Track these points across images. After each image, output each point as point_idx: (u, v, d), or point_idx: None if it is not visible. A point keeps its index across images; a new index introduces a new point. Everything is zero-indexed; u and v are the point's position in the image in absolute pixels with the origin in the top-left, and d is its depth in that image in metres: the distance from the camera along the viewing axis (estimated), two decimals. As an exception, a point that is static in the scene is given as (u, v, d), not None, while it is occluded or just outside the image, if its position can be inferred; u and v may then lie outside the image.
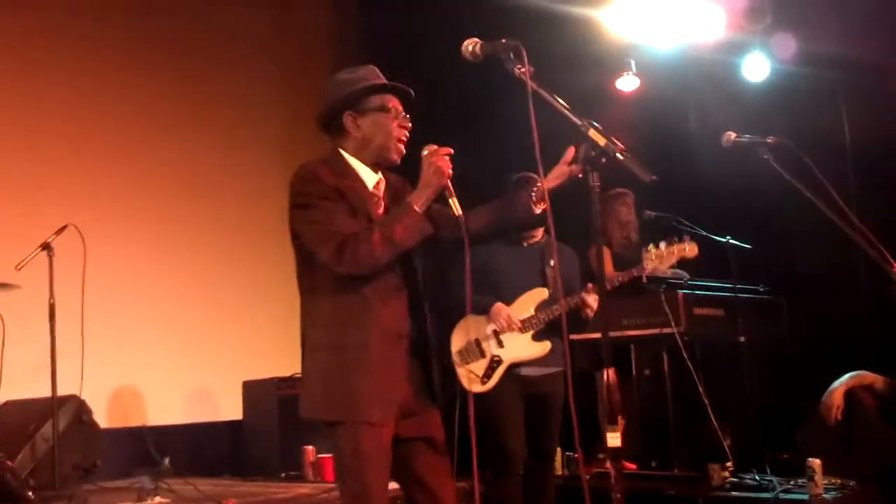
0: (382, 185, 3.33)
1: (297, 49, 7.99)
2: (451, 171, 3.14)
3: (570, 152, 3.17)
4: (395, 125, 3.28)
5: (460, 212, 3.19)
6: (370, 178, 3.30)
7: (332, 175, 3.20)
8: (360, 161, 3.30)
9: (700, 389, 5.62)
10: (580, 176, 3.07)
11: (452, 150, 3.18)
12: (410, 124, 3.31)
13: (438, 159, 3.13)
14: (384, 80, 3.34)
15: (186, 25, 7.56)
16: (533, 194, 3.25)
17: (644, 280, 5.78)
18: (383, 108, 3.27)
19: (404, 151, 3.29)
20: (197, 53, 7.62)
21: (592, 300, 4.82)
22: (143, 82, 7.26)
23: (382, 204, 3.31)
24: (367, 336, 3.13)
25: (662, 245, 4.94)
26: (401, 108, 3.30)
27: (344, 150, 3.31)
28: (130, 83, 7.20)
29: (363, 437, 3.08)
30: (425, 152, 3.16)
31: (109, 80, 7.12)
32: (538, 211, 3.27)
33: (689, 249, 4.94)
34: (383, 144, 3.27)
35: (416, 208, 3.12)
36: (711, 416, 5.60)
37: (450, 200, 3.19)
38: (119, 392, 6.82)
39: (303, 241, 3.19)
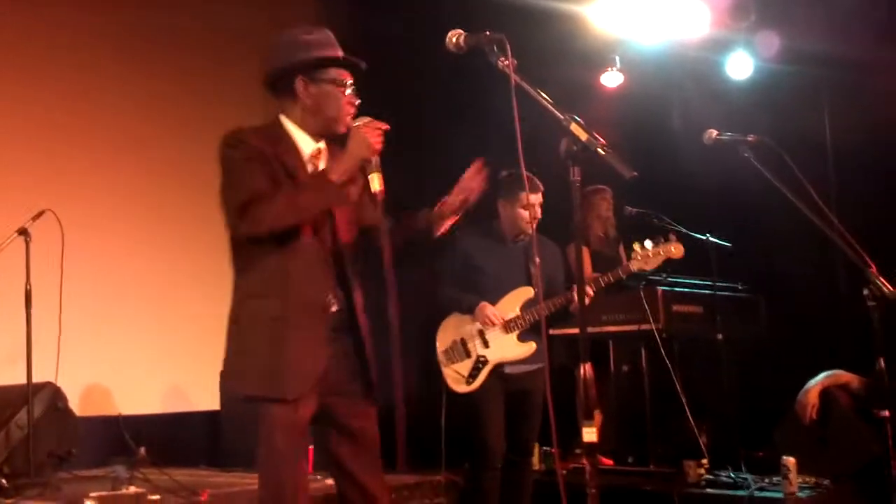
0: (324, 154, 3.28)
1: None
2: (380, 145, 3.12)
3: (474, 168, 3.30)
4: (346, 100, 3.25)
5: (379, 188, 3.18)
6: (307, 145, 3.26)
7: (261, 140, 3.17)
8: (302, 128, 3.26)
9: (677, 386, 5.64)
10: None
11: (388, 126, 3.16)
12: (359, 100, 3.28)
13: (368, 131, 3.10)
14: (339, 50, 3.30)
15: (174, 18, 7.50)
16: (439, 209, 3.34)
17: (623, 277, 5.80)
18: (337, 82, 3.23)
19: (351, 125, 3.23)
20: (179, 43, 7.56)
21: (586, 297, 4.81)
22: (127, 70, 7.20)
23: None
24: (284, 308, 3.07)
25: (648, 245, 4.93)
26: (351, 82, 3.26)
27: (286, 114, 3.27)
28: (114, 70, 7.14)
29: (277, 417, 3.03)
30: (357, 122, 3.14)
31: (91, 66, 7.05)
32: (445, 227, 3.37)
33: (676, 250, 4.94)
34: (333, 117, 3.24)
35: (331, 176, 3.08)
36: (688, 413, 5.63)
37: (370, 175, 3.18)
38: (95, 380, 6.78)
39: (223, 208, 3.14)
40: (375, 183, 3.19)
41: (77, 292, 5.94)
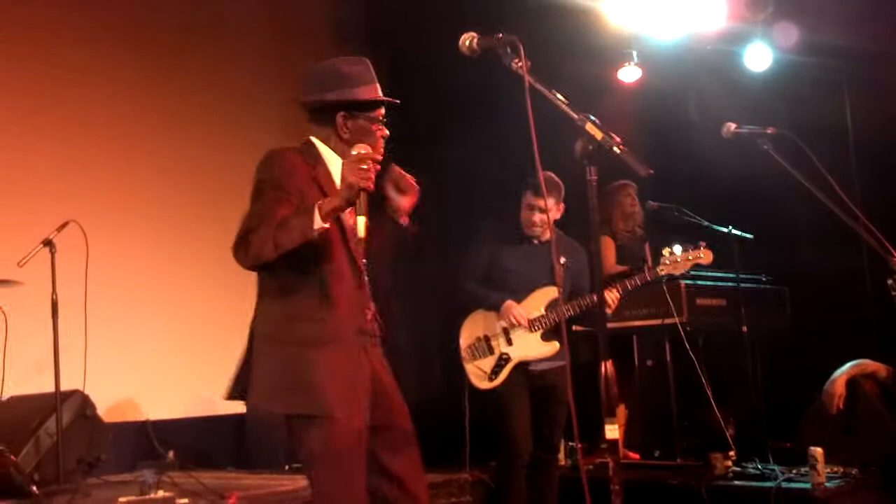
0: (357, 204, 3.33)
1: (298, 44, 7.95)
2: (369, 182, 3.07)
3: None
4: (380, 134, 3.35)
5: (363, 234, 3.31)
6: (337, 168, 3.29)
7: (298, 160, 3.26)
8: (335, 152, 3.33)
9: (703, 379, 5.63)
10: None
11: (380, 157, 3.24)
12: (388, 132, 3.37)
13: (355, 170, 3.05)
14: (376, 84, 3.37)
15: (188, 22, 7.55)
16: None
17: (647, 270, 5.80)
18: (373, 119, 3.34)
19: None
20: (197, 49, 7.59)
21: (610, 299, 4.84)
22: (144, 79, 7.23)
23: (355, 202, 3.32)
24: (327, 332, 3.14)
25: (678, 250, 4.96)
26: (383, 116, 3.37)
27: (320, 138, 3.35)
28: (131, 80, 7.17)
29: (333, 432, 3.08)
30: (353, 152, 3.11)
31: (110, 76, 7.09)
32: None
33: (705, 256, 4.98)
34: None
35: (314, 214, 3.02)
36: (714, 405, 5.61)
37: (358, 217, 3.29)
38: (122, 387, 6.82)
39: None
40: (360, 228, 3.30)
41: (102, 301, 5.99)
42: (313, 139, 3.36)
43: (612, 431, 2.54)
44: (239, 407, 6.88)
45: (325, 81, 3.34)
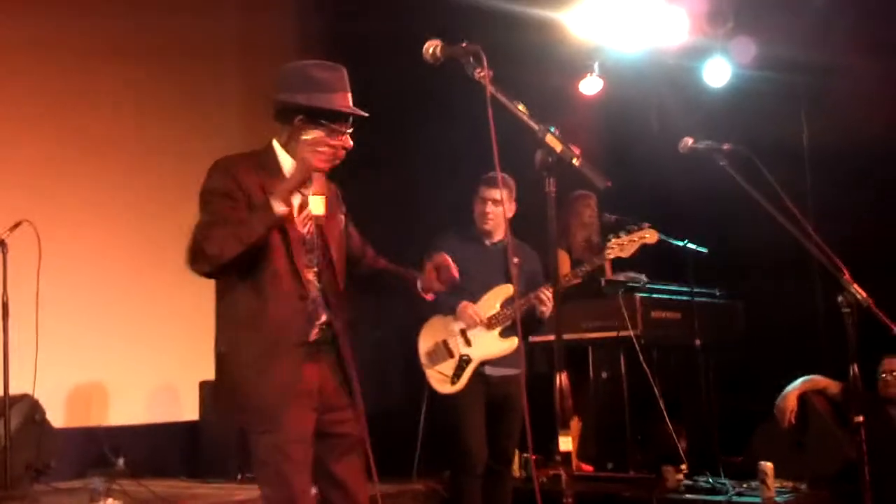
0: (310, 187, 3.31)
1: (265, 57, 7.88)
2: (324, 163, 3.20)
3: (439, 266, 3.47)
4: (339, 144, 3.28)
5: (322, 212, 3.28)
6: None
7: (248, 168, 3.23)
8: (293, 156, 3.30)
9: (656, 392, 5.66)
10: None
11: (339, 143, 3.24)
12: (351, 144, 3.32)
13: (312, 151, 3.17)
14: (347, 94, 3.32)
15: (152, 25, 7.47)
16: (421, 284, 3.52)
17: (602, 283, 5.82)
18: (333, 129, 3.27)
19: (336, 164, 3.31)
20: (161, 56, 7.51)
21: (546, 296, 4.82)
22: (102, 80, 7.16)
23: (309, 205, 3.31)
24: (266, 347, 3.14)
25: (622, 234, 4.98)
26: (347, 128, 3.30)
27: (280, 140, 3.32)
28: (92, 78, 7.11)
29: (280, 442, 3.12)
30: (308, 137, 3.20)
31: (69, 74, 7.01)
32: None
33: (650, 235, 4.99)
34: (322, 159, 3.27)
35: (273, 199, 3.10)
36: (667, 418, 5.65)
37: (313, 196, 3.26)
38: (73, 391, 6.73)
39: None
40: (319, 206, 3.28)
41: (54, 303, 5.91)
42: (275, 144, 3.33)
43: (566, 443, 2.54)
44: (191, 414, 6.89)
45: (293, 83, 3.30)
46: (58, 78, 6.97)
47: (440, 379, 5.00)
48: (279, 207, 3.09)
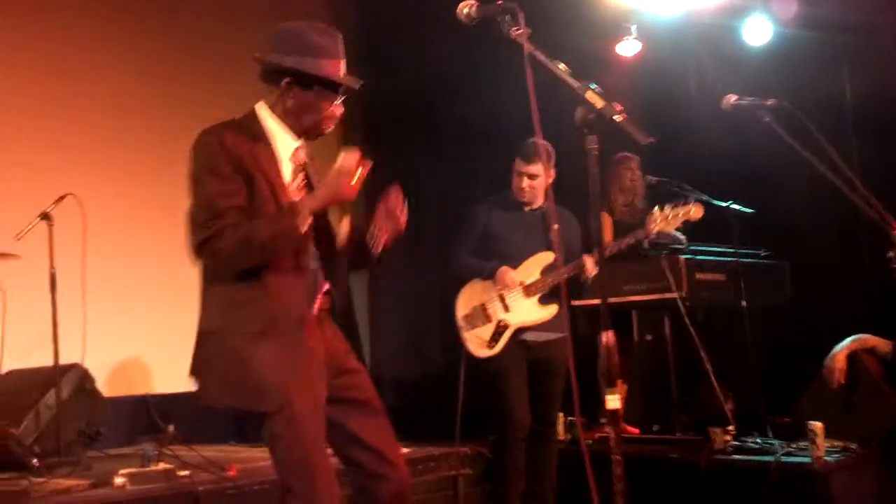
0: (303, 153, 3.23)
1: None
2: (354, 192, 3.02)
3: (392, 199, 3.22)
4: (328, 114, 3.18)
5: (345, 231, 3.23)
6: (286, 143, 3.20)
7: (235, 139, 3.08)
8: (283, 123, 3.19)
9: (702, 354, 5.63)
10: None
11: (369, 167, 3.05)
12: (342, 110, 3.22)
13: (343, 183, 3.00)
14: (341, 60, 3.19)
15: (184, 4, 7.50)
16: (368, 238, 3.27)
17: (645, 245, 5.78)
18: (324, 96, 3.16)
19: (330, 130, 3.23)
20: (198, 27, 7.55)
21: (591, 265, 4.80)
22: (144, 53, 7.21)
23: (302, 172, 3.23)
24: (267, 320, 3.02)
25: (667, 207, 4.94)
26: (337, 97, 3.19)
27: (270, 105, 3.20)
28: (131, 54, 7.15)
29: (291, 418, 2.98)
30: (342, 157, 3.01)
31: (108, 50, 7.06)
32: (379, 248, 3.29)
33: (695, 211, 4.95)
34: (309, 126, 3.20)
35: (297, 216, 2.98)
36: (713, 380, 5.61)
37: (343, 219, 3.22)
38: (122, 361, 6.83)
39: None
40: (345, 225, 3.24)
41: (100, 275, 6.00)
42: (258, 110, 3.20)
43: (613, 401, 2.53)
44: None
45: (285, 44, 3.16)
46: (101, 53, 7.02)
47: (478, 343, 5.01)
48: (304, 226, 2.99)
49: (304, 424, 3.00)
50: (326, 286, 3.21)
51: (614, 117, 2.51)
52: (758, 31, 6.62)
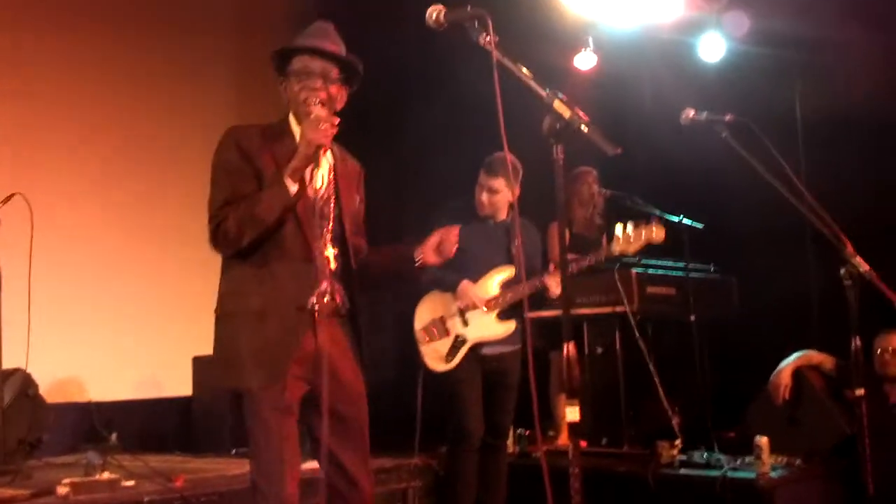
0: (323, 153, 3.26)
1: (256, 28, 7.79)
2: (327, 139, 3.13)
3: (445, 237, 3.38)
4: (306, 89, 3.22)
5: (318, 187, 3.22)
6: None
7: (258, 138, 3.22)
8: (297, 120, 3.28)
9: (651, 368, 5.65)
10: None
11: (337, 121, 3.16)
12: (321, 85, 3.23)
13: (314, 128, 3.09)
14: (318, 40, 3.27)
15: (146, 4, 7.41)
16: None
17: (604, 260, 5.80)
18: (299, 73, 3.24)
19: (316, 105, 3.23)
20: (154, 29, 7.44)
21: (554, 284, 4.80)
22: (94, 51, 7.09)
23: (317, 162, 3.24)
24: (263, 304, 3.12)
25: (630, 228, 4.92)
26: (319, 70, 3.23)
27: (291, 110, 3.33)
28: (80, 52, 7.04)
29: (259, 407, 3.10)
30: (312, 116, 3.13)
31: (58, 48, 6.93)
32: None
33: (657, 233, 4.95)
34: (302, 111, 3.24)
35: (283, 181, 3.09)
36: (662, 394, 5.64)
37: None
38: (66, 366, 6.67)
39: None
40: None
41: (47, 277, 5.86)
42: (290, 114, 3.31)
43: (573, 413, 2.51)
44: (184, 390, 6.85)
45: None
46: (51, 51, 6.89)
47: (435, 357, 4.99)
48: (292, 186, 3.09)
49: (266, 420, 3.08)
50: (325, 285, 3.21)
51: (581, 127, 2.50)
52: (712, 47, 6.70)
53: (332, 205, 3.29)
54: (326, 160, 3.30)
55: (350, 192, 3.39)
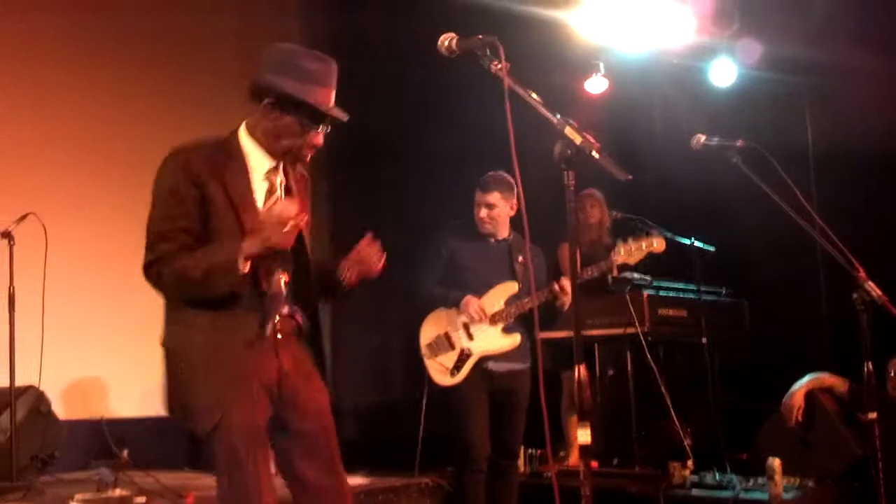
0: (278, 174, 3.20)
1: (263, 48, 7.83)
2: (288, 245, 3.04)
3: (365, 241, 3.26)
4: (306, 141, 3.14)
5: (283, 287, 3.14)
6: (262, 164, 3.17)
7: (206, 158, 3.09)
8: (260, 145, 3.16)
9: (662, 389, 5.66)
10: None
11: (305, 219, 3.08)
12: (321, 142, 3.18)
13: (277, 231, 2.97)
14: (331, 90, 3.16)
15: (152, 24, 7.46)
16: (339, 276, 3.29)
17: (610, 281, 5.82)
18: (306, 125, 3.12)
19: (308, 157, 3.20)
20: (165, 51, 7.51)
21: (564, 286, 4.80)
22: (107, 72, 7.16)
23: (277, 191, 3.18)
24: (215, 339, 3.03)
25: (630, 240, 4.97)
26: (319, 127, 3.15)
27: (249, 126, 3.19)
28: (94, 73, 7.10)
29: (230, 436, 2.99)
30: (280, 204, 3.04)
31: (72, 70, 7.01)
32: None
33: (658, 244, 4.98)
34: (286, 149, 3.16)
35: (237, 263, 2.95)
36: (673, 415, 5.65)
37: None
38: (78, 383, 6.73)
39: None
40: (281, 282, 3.14)
41: (60, 295, 5.92)
42: (240, 128, 3.19)
43: (585, 435, 2.52)
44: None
45: (276, 65, 3.14)
46: (64, 72, 6.96)
47: (440, 370, 5.00)
48: (244, 268, 2.96)
49: (237, 449, 2.99)
50: (287, 309, 3.15)
51: (592, 153, 2.53)
52: (723, 73, 6.73)
53: None
54: (279, 178, 3.21)
55: (304, 206, 3.25)
